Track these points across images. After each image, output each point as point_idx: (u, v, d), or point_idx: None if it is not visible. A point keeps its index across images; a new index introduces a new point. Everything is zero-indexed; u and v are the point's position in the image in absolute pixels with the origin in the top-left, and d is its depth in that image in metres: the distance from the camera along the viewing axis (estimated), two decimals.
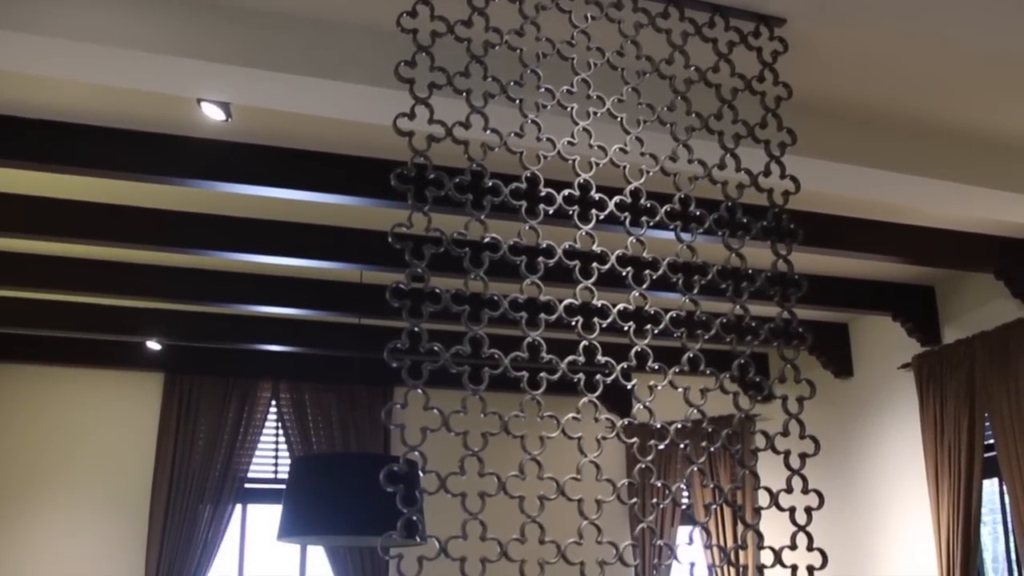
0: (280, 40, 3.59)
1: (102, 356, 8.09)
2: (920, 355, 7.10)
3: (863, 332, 7.92)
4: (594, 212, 2.69)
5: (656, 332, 2.64)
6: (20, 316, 7.24)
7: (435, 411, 2.30)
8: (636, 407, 2.62)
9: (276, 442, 8.54)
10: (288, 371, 8.46)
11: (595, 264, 2.62)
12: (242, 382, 8.34)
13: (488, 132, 2.60)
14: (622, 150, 2.78)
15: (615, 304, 2.65)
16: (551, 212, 2.62)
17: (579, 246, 2.61)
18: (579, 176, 2.70)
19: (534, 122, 2.69)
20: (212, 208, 5.72)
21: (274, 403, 8.49)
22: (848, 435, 7.87)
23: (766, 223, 2.82)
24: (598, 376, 2.53)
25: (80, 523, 7.98)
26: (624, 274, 2.65)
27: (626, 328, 2.59)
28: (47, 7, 3.29)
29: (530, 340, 2.46)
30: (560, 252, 2.58)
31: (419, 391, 2.28)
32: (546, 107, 2.74)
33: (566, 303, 2.54)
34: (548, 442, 2.38)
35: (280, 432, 8.51)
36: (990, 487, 6.73)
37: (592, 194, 2.69)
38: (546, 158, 2.65)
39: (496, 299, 2.46)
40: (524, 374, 2.42)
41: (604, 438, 2.53)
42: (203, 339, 7.79)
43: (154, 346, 7.97)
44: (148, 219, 5.71)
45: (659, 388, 2.62)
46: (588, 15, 2.90)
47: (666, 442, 2.63)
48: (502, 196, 2.56)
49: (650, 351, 2.59)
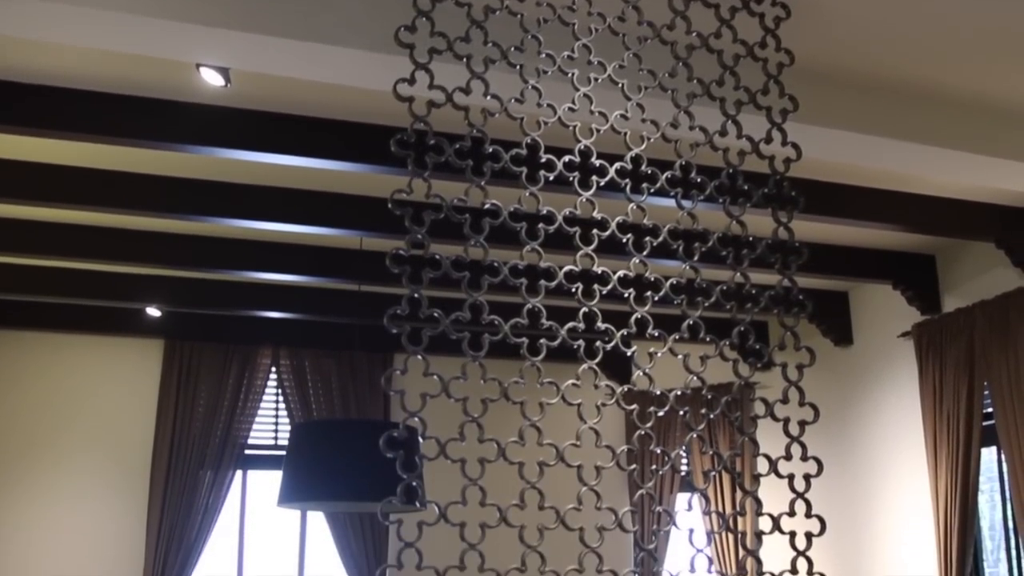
0: (279, 5, 3.57)
1: (102, 323, 8.09)
2: (920, 324, 7.10)
3: (863, 300, 7.93)
4: (595, 179, 2.68)
5: (656, 299, 2.64)
6: (20, 283, 7.24)
7: (435, 377, 2.30)
8: (636, 374, 2.62)
9: (276, 408, 8.56)
10: (288, 338, 8.47)
11: (595, 231, 2.62)
12: (242, 348, 8.35)
13: (488, 98, 2.59)
14: (623, 116, 2.77)
15: (615, 271, 2.65)
16: (551, 178, 2.62)
17: (579, 213, 2.61)
18: (580, 142, 2.69)
19: (535, 88, 2.67)
20: (211, 174, 5.71)
21: (274, 369, 8.51)
22: (847, 403, 7.88)
23: (767, 190, 2.81)
24: (598, 343, 2.53)
25: (81, 489, 8.01)
26: (624, 241, 2.65)
27: (626, 295, 2.59)
28: None
29: (530, 306, 2.45)
30: (560, 218, 2.57)
31: (419, 357, 2.28)
32: (547, 73, 2.72)
33: (566, 269, 2.54)
34: (548, 408, 2.38)
35: (280, 398, 8.53)
36: (988, 456, 6.76)
37: (593, 160, 2.68)
38: (546, 124, 2.64)
39: (496, 265, 2.46)
40: (524, 340, 2.42)
41: (604, 405, 2.53)
42: (203, 306, 7.79)
43: (154, 313, 7.97)
44: (147, 185, 5.70)
45: (659, 355, 2.61)
46: None
47: (665, 409, 2.63)
48: (502, 162, 2.55)
49: (650, 318, 2.59)
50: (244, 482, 8.40)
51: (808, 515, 2.56)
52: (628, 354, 2.55)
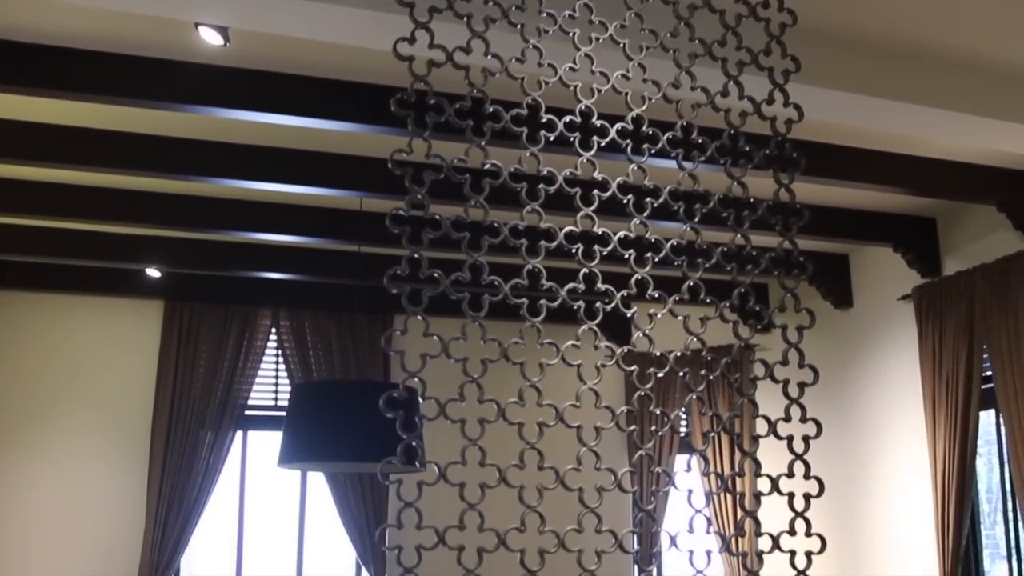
0: None
1: (102, 283, 8.10)
2: (920, 287, 7.10)
3: (863, 263, 7.92)
4: (595, 139, 2.66)
5: (656, 260, 2.63)
6: (20, 243, 7.24)
7: (435, 338, 2.29)
8: (636, 335, 2.62)
9: (276, 369, 8.58)
10: (288, 299, 8.48)
11: (596, 191, 2.61)
12: (242, 309, 8.36)
13: (489, 57, 2.57)
14: (624, 76, 2.75)
15: (616, 232, 2.64)
16: (552, 139, 2.60)
17: (580, 173, 2.60)
18: (580, 103, 2.67)
19: (535, 47, 2.65)
20: (211, 134, 5.69)
21: (274, 330, 8.52)
22: (847, 366, 7.90)
23: (768, 152, 2.80)
24: (598, 304, 2.53)
25: (81, 450, 8.04)
26: (625, 202, 2.64)
27: (626, 256, 2.58)
28: None
29: (530, 267, 2.45)
30: (561, 179, 2.56)
31: (419, 318, 2.28)
32: (547, 32, 2.70)
33: (566, 230, 2.53)
34: (547, 369, 2.38)
35: (280, 359, 8.55)
36: (986, 419, 6.78)
37: (593, 121, 2.67)
38: (547, 84, 2.62)
39: (496, 226, 2.45)
40: (524, 301, 2.41)
41: (603, 366, 2.53)
42: (203, 266, 7.79)
43: (154, 273, 7.97)
44: (146, 145, 5.68)
45: (659, 316, 2.61)
46: None
47: (665, 370, 2.63)
48: (503, 122, 2.53)
49: (650, 279, 2.58)
50: (244, 443, 8.43)
51: (807, 476, 2.57)
52: (628, 315, 2.55)
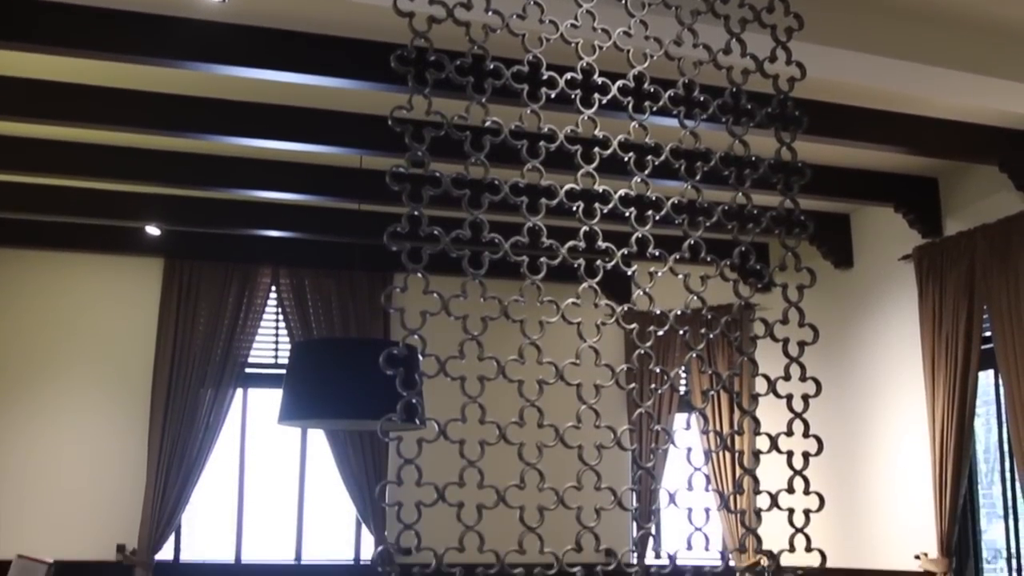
0: None
1: (102, 241, 8.09)
2: (921, 247, 7.10)
3: (864, 223, 7.91)
4: (596, 97, 2.65)
5: (657, 219, 2.63)
6: (19, 201, 7.23)
7: (435, 295, 2.29)
8: (636, 293, 2.62)
9: (276, 327, 8.59)
10: (288, 257, 8.47)
11: (597, 149, 2.60)
12: (242, 267, 8.35)
13: (490, 14, 2.55)
14: (626, 34, 2.73)
15: (616, 190, 2.63)
16: (553, 96, 2.59)
17: (581, 131, 2.58)
18: (582, 60, 2.65)
19: (536, 4, 2.63)
20: (210, 91, 5.66)
21: (274, 288, 8.52)
22: (847, 326, 7.90)
23: (770, 110, 2.78)
24: (598, 262, 2.53)
25: (82, 407, 8.06)
26: (626, 160, 2.63)
27: (627, 214, 2.57)
28: None
29: (531, 225, 2.44)
30: (562, 137, 2.55)
31: (419, 275, 2.28)
32: None
33: (567, 188, 2.52)
34: (547, 327, 2.38)
35: (280, 317, 8.56)
36: (985, 379, 6.79)
37: (595, 78, 2.65)
38: (548, 41, 2.61)
39: (497, 183, 2.44)
40: (524, 259, 2.41)
41: (603, 323, 2.53)
42: (202, 224, 7.79)
43: (153, 231, 7.96)
44: (145, 102, 5.66)
45: (659, 275, 2.61)
46: None
47: (665, 328, 2.63)
48: (503, 79, 2.52)
49: (651, 238, 2.58)
50: (244, 400, 8.45)
51: (806, 435, 2.57)
52: (628, 274, 2.55)
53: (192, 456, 8.01)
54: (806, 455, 2.56)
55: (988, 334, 6.57)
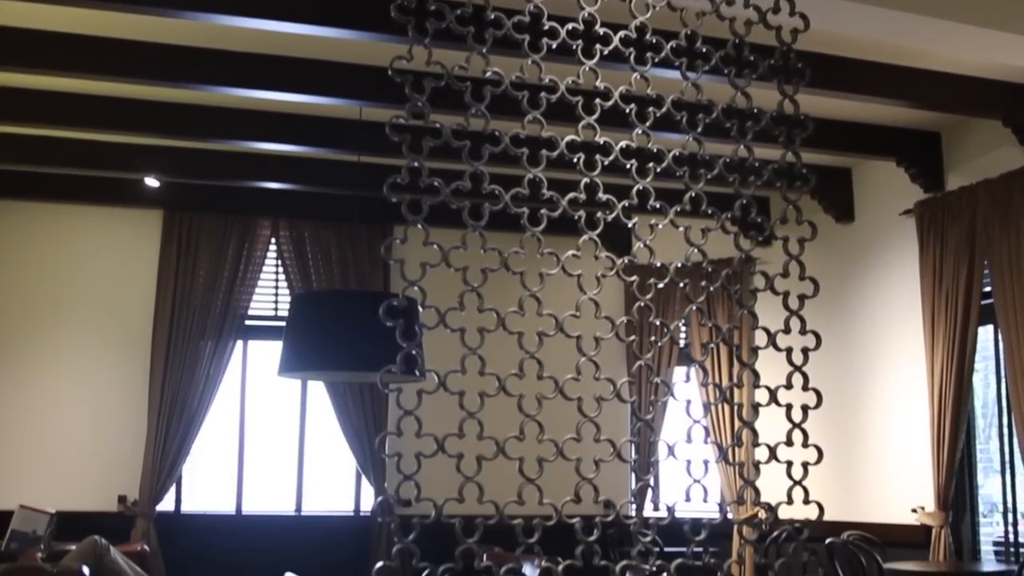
0: None
1: (101, 193, 8.07)
2: (922, 201, 7.08)
3: (866, 177, 7.89)
4: (598, 48, 2.62)
5: (658, 171, 2.61)
6: (19, 152, 7.21)
7: (435, 246, 2.29)
8: (636, 245, 2.61)
9: (276, 279, 8.59)
10: (288, 209, 8.46)
11: (598, 101, 2.58)
12: (241, 219, 8.34)
13: None
14: None
15: (618, 142, 2.62)
16: (554, 47, 2.57)
17: (582, 82, 2.57)
18: (583, 10, 2.63)
19: None
20: (210, 42, 5.63)
21: (274, 241, 8.51)
22: (847, 280, 7.90)
23: (773, 62, 2.76)
24: (599, 214, 2.52)
25: (83, 359, 8.08)
26: (627, 111, 2.61)
27: (628, 166, 2.56)
28: None
29: (531, 177, 2.43)
30: (563, 88, 2.53)
31: (419, 226, 2.27)
32: None
33: (568, 139, 2.51)
34: (548, 280, 2.38)
35: (280, 269, 8.55)
36: (984, 334, 6.79)
37: (596, 29, 2.63)
38: None
39: (497, 135, 2.43)
40: (525, 211, 2.40)
41: (603, 276, 2.52)
42: (201, 176, 7.77)
43: (152, 183, 7.94)
44: (147, 53, 5.63)
45: (660, 227, 2.60)
46: None
47: (665, 281, 2.63)
48: (504, 29, 2.50)
49: (652, 190, 2.57)
50: (244, 352, 8.47)
51: (805, 388, 2.58)
52: (629, 226, 2.54)
53: (192, 408, 8.04)
54: (805, 408, 2.56)
55: (988, 289, 6.57)
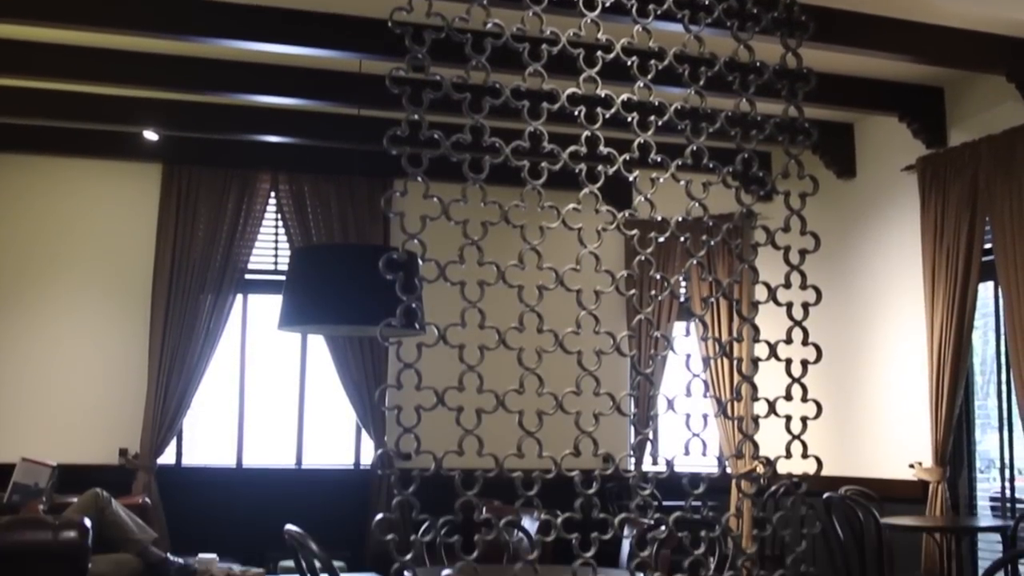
0: None
1: (100, 146, 8.03)
2: (924, 157, 7.05)
3: (868, 133, 7.85)
4: None
5: (660, 124, 2.60)
6: (17, 105, 7.17)
7: (435, 199, 2.28)
8: (637, 199, 2.60)
9: (276, 233, 8.57)
10: (287, 163, 8.42)
11: (600, 53, 2.56)
12: (241, 173, 8.31)
13: None
14: None
15: (619, 96, 2.60)
16: None
17: (584, 35, 2.55)
18: None
19: None
20: None
21: (273, 194, 8.49)
22: (848, 236, 7.89)
23: (776, 14, 2.74)
24: (600, 167, 2.51)
25: (83, 312, 8.08)
26: (629, 64, 2.59)
27: (629, 119, 2.55)
28: None
29: (532, 130, 2.42)
30: (564, 40, 2.51)
31: (419, 179, 2.26)
32: None
33: (569, 92, 2.50)
34: (548, 233, 2.37)
35: (280, 223, 8.53)
36: (984, 291, 6.79)
37: None
38: None
39: (498, 87, 2.42)
40: (525, 164, 2.39)
41: (604, 229, 2.52)
42: (201, 129, 7.73)
43: (151, 136, 7.90)
44: (145, 5, 5.58)
45: (661, 181, 2.59)
46: None
47: (666, 235, 2.62)
48: None
49: (653, 144, 2.56)
50: (244, 306, 8.47)
51: (805, 343, 2.58)
52: (630, 180, 2.53)
53: (193, 361, 8.05)
54: (804, 363, 2.57)
55: (989, 246, 6.56)
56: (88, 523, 4.71)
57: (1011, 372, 6.31)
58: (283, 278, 6.18)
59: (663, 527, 2.45)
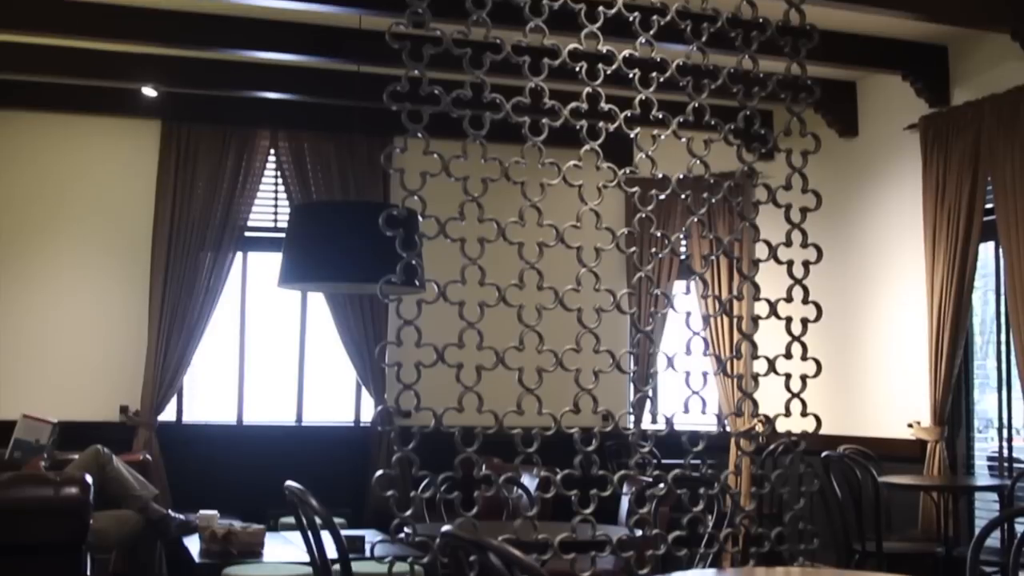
0: None
1: (98, 102, 7.98)
2: (927, 116, 7.02)
3: (871, 91, 7.81)
4: None
5: (661, 81, 2.59)
6: (14, 61, 7.12)
7: (435, 156, 2.27)
8: (638, 156, 2.59)
9: (275, 191, 8.54)
10: (287, 119, 8.38)
11: (601, 8, 2.54)
12: (240, 130, 8.27)
13: None
14: None
15: (621, 52, 2.59)
16: None
17: None
18: None
19: None
20: None
21: (273, 152, 8.45)
22: (849, 195, 7.87)
23: None
24: (601, 124, 2.49)
25: (83, 269, 8.07)
26: (631, 20, 2.57)
27: (631, 76, 2.53)
28: None
29: (532, 86, 2.40)
30: None
31: (419, 136, 2.25)
32: None
33: (571, 47, 2.48)
34: (548, 190, 2.36)
35: (279, 181, 8.50)
36: (985, 251, 6.78)
37: None
38: None
39: (499, 43, 2.40)
40: (526, 120, 2.38)
41: (605, 186, 2.51)
42: (199, 85, 7.69)
43: (150, 93, 7.85)
44: None
45: (662, 138, 2.58)
46: None
47: (667, 192, 2.61)
48: None
49: (654, 100, 2.54)
50: (244, 264, 8.46)
51: (805, 301, 2.58)
52: (631, 137, 2.52)
53: (193, 319, 8.04)
54: (805, 321, 2.57)
55: (990, 206, 6.54)
56: (89, 479, 4.72)
57: (1011, 332, 6.31)
58: (283, 235, 6.17)
59: (662, 484, 2.46)
